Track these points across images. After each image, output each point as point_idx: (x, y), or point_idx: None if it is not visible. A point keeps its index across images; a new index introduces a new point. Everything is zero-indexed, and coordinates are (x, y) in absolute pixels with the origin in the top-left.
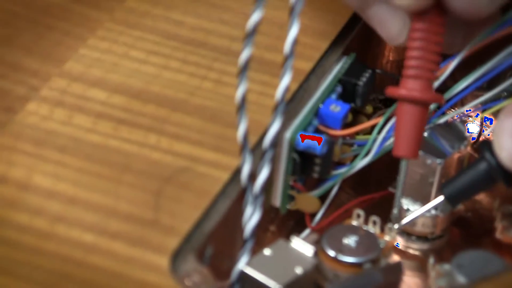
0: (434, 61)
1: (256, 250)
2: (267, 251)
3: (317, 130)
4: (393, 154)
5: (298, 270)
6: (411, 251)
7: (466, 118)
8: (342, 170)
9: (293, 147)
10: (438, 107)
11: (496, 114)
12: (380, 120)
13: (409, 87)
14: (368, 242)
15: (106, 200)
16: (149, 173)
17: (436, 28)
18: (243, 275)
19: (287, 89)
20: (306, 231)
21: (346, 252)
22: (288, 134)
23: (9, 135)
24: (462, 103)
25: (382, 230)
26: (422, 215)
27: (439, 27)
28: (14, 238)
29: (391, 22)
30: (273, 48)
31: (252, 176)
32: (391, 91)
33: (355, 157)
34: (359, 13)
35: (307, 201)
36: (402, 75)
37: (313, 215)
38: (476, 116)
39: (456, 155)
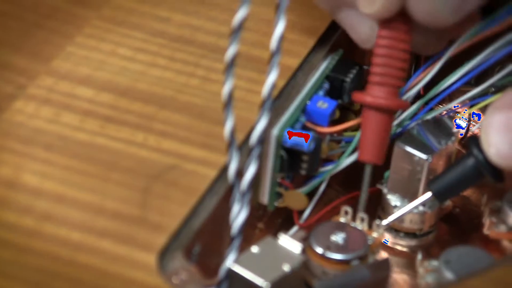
0: (400, 68)
1: (243, 247)
2: (254, 249)
3: (304, 127)
4: (358, 159)
5: (286, 268)
6: (399, 248)
7: (453, 114)
8: (330, 167)
9: (280, 144)
10: (432, 98)
11: (484, 109)
12: None
13: (374, 94)
14: (356, 239)
15: (94, 198)
16: (136, 170)
17: (402, 36)
18: (230, 273)
19: (274, 86)
20: (294, 228)
21: (334, 249)
22: (275, 131)
23: None
24: (449, 98)
25: (370, 226)
26: (410, 212)
27: (405, 34)
28: (1, 236)
29: (360, 26)
30: (260, 45)
31: (240, 173)
32: (357, 97)
33: (342, 153)
34: (332, 15)
35: (295, 198)
36: (368, 81)
37: (301, 212)
38: (464, 111)
39: (444, 151)
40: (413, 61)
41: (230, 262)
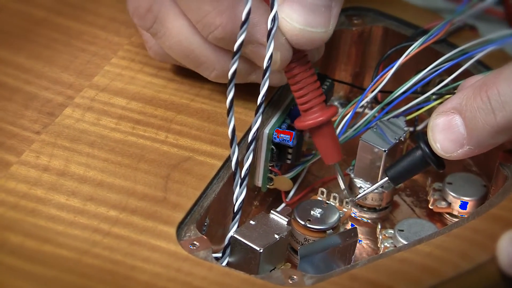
0: (317, 86)
1: (243, 220)
2: (252, 221)
3: (289, 127)
4: (328, 163)
5: (276, 236)
6: (363, 220)
7: (404, 116)
8: (309, 157)
9: (271, 140)
10: (388, 103)
11: (428, 112)
12: (337, 118)
13: (313, 117)
14: (330, 213)
15: (126, 184)
16: (159, 161)
17: (305, 67)
18: (233, 240)
19: (265, 95)
20: (282, 205)
21: (313, 221)
22: (267, 130)
23: (51, 133)
24: (402, 103)
25: (341, 203)
26: (371, 192)
27: (306, 64)
28: (54, 213)
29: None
30: None
31: (240, 163)
32: (299, 125)
33: None
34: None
35: (282, 181)
36: (300, 110)
37: (287, 193)
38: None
39: (397, 145)
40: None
41: (233, 232)
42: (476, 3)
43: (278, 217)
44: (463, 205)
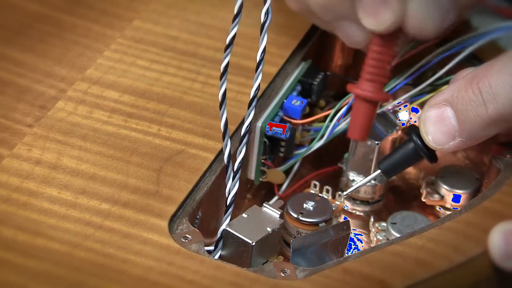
0: (387, 69)
1: (235, 213)
2: (244, 214)
3: (282, 120)
4: (348, 136)
5: (269, 229)
6: (356, 213)
7: (397, 109)
8: (302, 150)
9: (263, 133)
10: None
11: (420, 105)
12: (331, 111)
13: (363, 88)
14: (322, 206)
15: (118, 177)
16: (152, 155)
17: (392, 45)
18: (226, 233)
19: (258, 88)
20: (275, 198)
21: (306, 214)
22: (259, 123)
23: (43, 127)
24: (394, 96)
25: (334, 196)
26: (364, 185)
27: (394, 44)
28: (46, 206)
29: (356, 35)
30: (247, 57)
31: (232, 156)
32: (350, 88)
33: (312, 140)
34: (325, 27)
35: (275, 174)
36: (360, 75)
37: (280, 186)
38: (405, 106)
39: (390, 138)
40: None
41: (225, 225)
42: None
43: (270, 210)
44: (456, 198)
